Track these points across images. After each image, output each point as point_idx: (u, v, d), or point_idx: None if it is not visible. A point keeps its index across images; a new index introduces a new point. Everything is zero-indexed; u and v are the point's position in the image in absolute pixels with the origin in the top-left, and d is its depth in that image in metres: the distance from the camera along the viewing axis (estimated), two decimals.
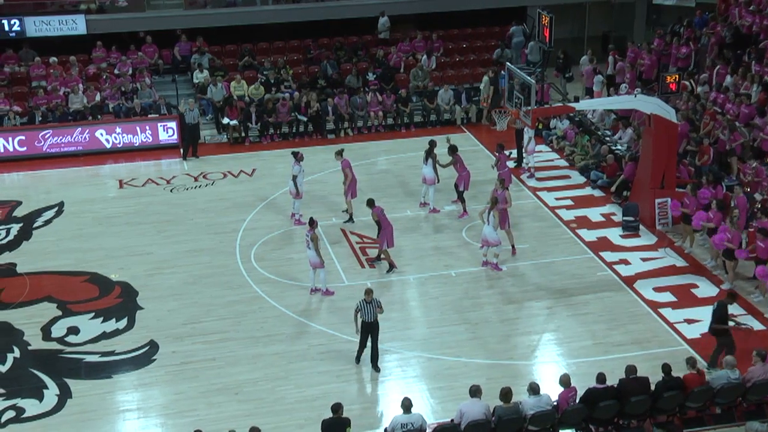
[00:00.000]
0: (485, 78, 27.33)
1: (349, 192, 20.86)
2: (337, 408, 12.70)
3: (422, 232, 20.70)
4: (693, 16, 27.73)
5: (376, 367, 15.56)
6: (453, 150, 21.27)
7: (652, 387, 13.53)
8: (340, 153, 21.02)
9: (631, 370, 13.51)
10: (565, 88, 27.20)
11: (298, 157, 20.83)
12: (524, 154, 23.88)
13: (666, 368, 13.61)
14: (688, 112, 23.34)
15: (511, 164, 22.74)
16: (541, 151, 24.72)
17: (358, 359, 15.67)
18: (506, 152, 22.03)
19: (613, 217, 21.17)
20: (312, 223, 17.75)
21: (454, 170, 21.27)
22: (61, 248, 20.28)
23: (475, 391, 12.95)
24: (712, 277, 18.46)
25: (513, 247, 19.39)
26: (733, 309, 17.15)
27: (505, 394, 12.91)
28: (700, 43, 26.59)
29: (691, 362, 13.75)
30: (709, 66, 25.46)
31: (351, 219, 20.95)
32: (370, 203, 18.89)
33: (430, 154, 21.26)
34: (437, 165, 21.26)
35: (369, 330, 15.38)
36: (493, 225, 18.37)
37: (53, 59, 27.63)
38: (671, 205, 19.96)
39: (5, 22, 27.20)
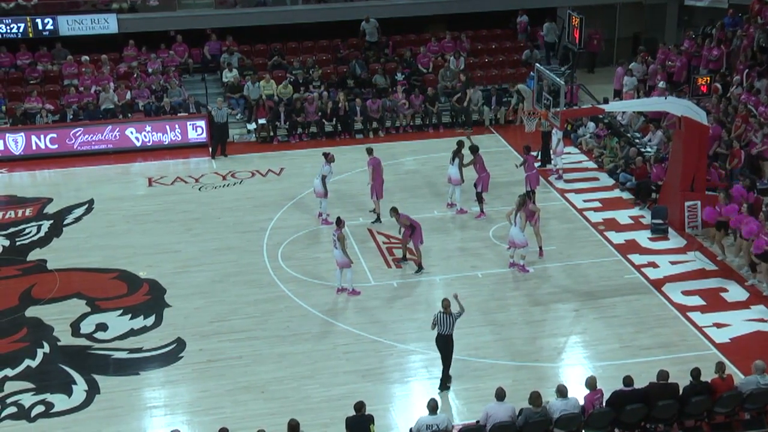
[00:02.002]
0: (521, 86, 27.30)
1: (374, 192, 20.87)
2: (360, 406, 12.72)
3: (449, 233, 20.68)
4: (725, 18, 27.46)
5: (445, 384, 15.00)
6: (474, 150, 21.24)
7: (681, 392, 13.40)
8: (370, 151, 21.05)
9: (663, 375, 13.36)
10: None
11: (328, 158, 20.89)
12: (552, 156, 23.76)
13: (695, 372, 13.47)
14: (719, 115, 23.13)
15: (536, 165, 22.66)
16: (569, 153, 24.62)
17: (442, 385, 14.99)
18: (533, 153, 21.95)
19: (641, 220, 21.02)
20: (339, 222, 17.78)
21: (474, 170, 21.23)
22: (91, 245, 20.48)
23: (500, 395, 12.90)
24: (742, 280, 18.26)
25: (540, 249, 19.30)
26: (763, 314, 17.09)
27: (535, 398, 12.83)
28: (732, 44, 26.33)
29: (719, 367, 13.59)
30: (740, 68, 25.20)
31: (378, 219, 20.97)
32: (394, 211, 18.67)
33: (457, 154, 21.23)
34: (461, 165, 21.24)
35: (445, 343, 14.90)
36: (520, 226, 18.30)
37: (85, 58, 27.93)
38: (710, 215, 19.34)
39: (39, 21, 27.54)
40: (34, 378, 15.60)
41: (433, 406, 12.72)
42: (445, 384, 15.02)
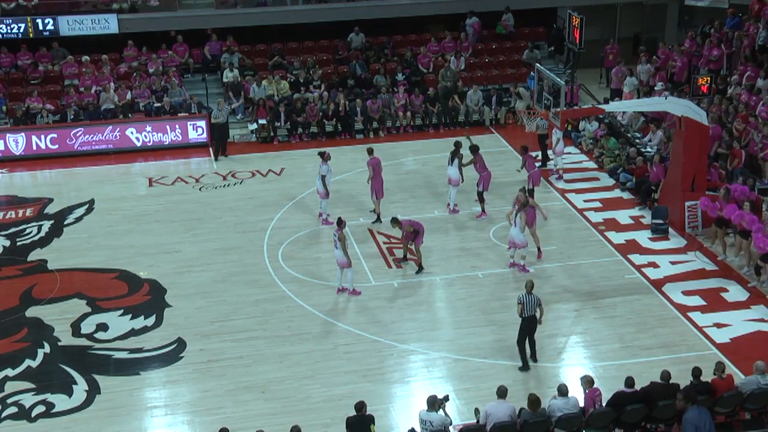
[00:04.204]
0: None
1: (373, 192, 20.84)
2: (360, 406, 12.73)
3: (449, 233, 20.67)
4: (725, 18, 27.46)
5: (535, 357, 15.63)
6: (474, 150, 21.24)
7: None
8: (370, 151, 21.06)
9: (665, 376, 13.37)
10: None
11: (325, 157, 20.88)
12: (553, 156, 23.74)
13: (696, 372, 13.47)
14: (720, 115, 23.13)
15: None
16: (569, 153, 24.62)
17: (527, 365, 15.42)
18: (532, 154, 22.00)
19: (642, 220, 21.03)
20: (340, 222, 17.78)
21: (474, 170, 21.23)
22: (92, 245, 20.48)
23: (502, 393, 12.90)
24: (742, 280, 18.27)
25: (539, 250, 19.30)
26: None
27: (533, 401, 12.81)
28: (733, 44, 26.31)
29: (719, 367, 13.60)
30: (740, 68, 25.19)
31: (378, 219, 20.97)
32: (395, 221, 18.67)
33: (455, 155, 21.24)
34: (461, 165, 21.24)
35: (530, 325, 15.34)
36: (520, 227, 18.30)
37: (85, 58, 27.94)
38: (710, 207, 19.23)
39: (39, 21, 27.56)
40: (34, 378, 15.60)
41: (431, 402, 12.70)
42: (534, 357, 15.61)
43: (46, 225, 21.54)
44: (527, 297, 15.29)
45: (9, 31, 27.63)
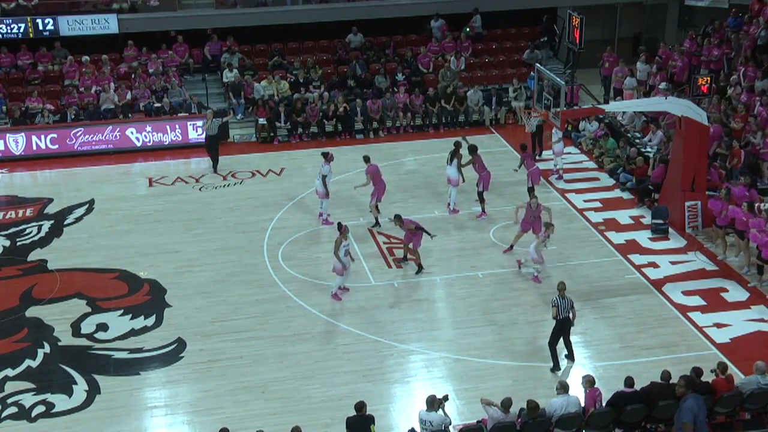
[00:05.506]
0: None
1: (374, 197, 20.77)
2: (360, 406, 12.74)
3: (449, 233, 20.67)
4: (726, 18, 27.45)
5: (572, 357, 15.68)
6: (473, 150, 21.24)
7: None
8: (367, 159, 21.00)
9: (665, 376, 13.37)
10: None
11: (328, 158, 20.87)
12: (553, 156, 23.72)
13: (696, 372, 13.47)
14: (720, 115, 23.13)
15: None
16: (569, 153, 24.63)
17: (558, 365, 15.43)
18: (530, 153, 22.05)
19: (642, 220, 21.03)
20: (340, 227, 17.58)
21: (474, 170, 21.23)
22: (92, 245, 20.48)
23: (507, 406, 12.80)
24: (742, 280, 18.28)
25: (512, 246, 19.30)
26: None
27: (532, 408, 12.79)
28: (733, 45, 26.29)
29: (721, 367, 13.60)
30: (740, 68, 25.18)
31: (377, 224, 20.90)
32: (398, 219, 18.69)
33: (454, 155, 21.24)
34: (460, 165, 21.24)
35: (564, 326, 15.37)
36: (536, 244, 18.23)
37: (85, 58, 27.93)
38: (716, 211, 19.15)
39: (39, 21, 27.56)
40: (34, 378, 15.61)
41: (430, 401, 12.70)
42: (572, 357, 15.72)
43: (46, 225, 21.54)
44: (561, 300, 15.26)
45: (9, 31, 27.62)
